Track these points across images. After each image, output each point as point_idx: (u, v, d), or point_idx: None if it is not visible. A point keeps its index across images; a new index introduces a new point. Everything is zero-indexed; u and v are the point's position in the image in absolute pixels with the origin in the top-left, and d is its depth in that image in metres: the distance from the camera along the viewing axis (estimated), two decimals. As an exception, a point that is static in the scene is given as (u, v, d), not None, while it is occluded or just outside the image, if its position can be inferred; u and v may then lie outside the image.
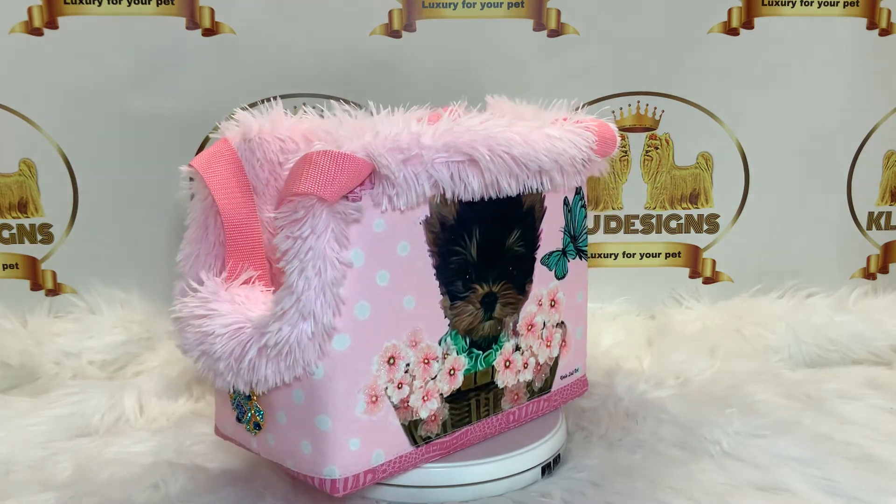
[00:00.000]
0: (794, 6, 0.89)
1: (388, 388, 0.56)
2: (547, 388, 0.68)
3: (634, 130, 0.93)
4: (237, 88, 0.87)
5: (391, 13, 0.87)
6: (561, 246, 0.66)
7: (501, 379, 0.64)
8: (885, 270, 0.98)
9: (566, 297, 0.67)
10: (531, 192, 0.60)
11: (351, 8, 0.86)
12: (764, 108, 0.92)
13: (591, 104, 0.91)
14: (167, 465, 0.64)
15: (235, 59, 0.86)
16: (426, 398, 0.58)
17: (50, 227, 0.90)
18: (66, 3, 0.84)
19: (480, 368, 0.62)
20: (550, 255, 0.65)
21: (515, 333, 0.63)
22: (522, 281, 0.63)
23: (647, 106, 0.92)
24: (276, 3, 0.86)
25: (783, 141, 0.93)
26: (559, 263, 0.66)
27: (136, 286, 0.90)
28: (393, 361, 0.56)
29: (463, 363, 0.60)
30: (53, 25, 0.85)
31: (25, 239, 0.90)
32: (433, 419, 0.59)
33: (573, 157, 0.61)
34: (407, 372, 0.57)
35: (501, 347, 0.63)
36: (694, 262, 0.96)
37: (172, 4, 0.85)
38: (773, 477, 0.63)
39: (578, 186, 0.66)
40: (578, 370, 0.71)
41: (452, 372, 0.60)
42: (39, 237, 0.90)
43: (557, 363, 0.68)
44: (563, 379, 0.69)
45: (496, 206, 0.59)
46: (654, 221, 0.95)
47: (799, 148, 0.93)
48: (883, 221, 0.97)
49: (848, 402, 0.76)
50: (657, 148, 0.93)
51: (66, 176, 0.89)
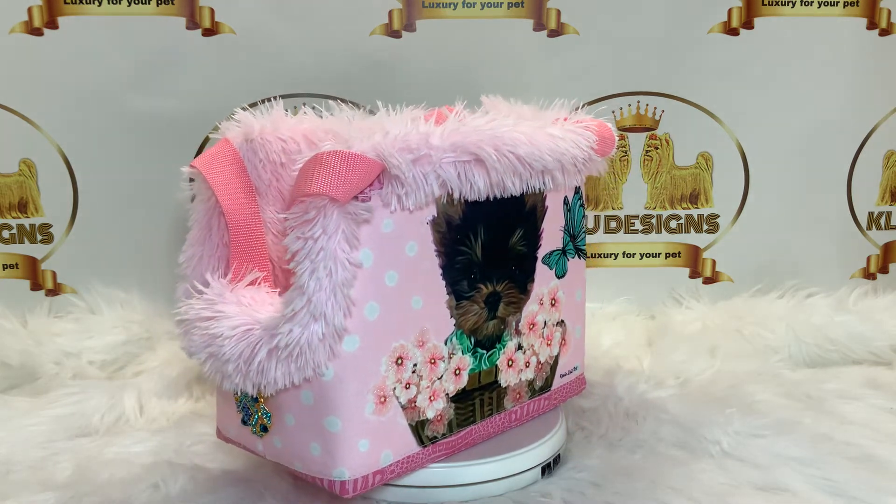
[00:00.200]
0: (794, 6, 0.89)
1: (396, 388, 0.56)
2: (547, 386, 0.68)
3: (634, 130, 0.93)
4: (237, 88, 0.87)
5: (391, 13, 0.87)
6: (561, 245, 0.66)
7: (504, 378, 0.64)
8: (885, 270, 0.98)
9: (566, 295, 0.67)
10: (534, 191, 0.60)
11: (351, 8, 0.86)
12: (764, 108, 0.92)
13: (591, 104, 0.90)
14: (167, 465, 0.64)
15: (235, 59, 0.86)
16: (433, 398, 0.58)
17: (50, 227, 0.90)
18: (66, 3, 0.84)
19: (484, 368, 0.62)
20: (551, 254, 0.65)
21: (518, 332, 0.63)
22: (524, 280, 0.63)
23: (647, 106, 0.92)
24: (276, 3, 0.86)
25: (783, 141, 0.93)
26: (559, 262, 0.66)
27: (136, 286, 0.90)
28: (401, 362, 0.56)
29: (468, 363, 0.60)
30: (53, 25, 0.85)
31: (25, 239, 0.90)
32: (439, 419, 0.59)
33: (575, 156, 0.61)
34: (414, 372, 0.57)
35: (504, 346, 0.63)
36: (694, 262, 0.96)
37: (172, 4, 0.85)
38: (773, 477, 0.63)
39: (578, 186, 0.67)
40: (577, 368, 0.71)
41: (458, 372, 0.60)
42: (39, 237, 0.90)
43: (557, 361, 0.68)
44: (562, 377, 0.69)
45: (500, 205, 0.59)
46: (654, 221, 0.95)
47: (799, 148, 0.93)
48: (883, 221, 0.97)
49: (848, 402, 0.76)
50: (657, 148, 0.93)
51: (66, 176, 0.89)
